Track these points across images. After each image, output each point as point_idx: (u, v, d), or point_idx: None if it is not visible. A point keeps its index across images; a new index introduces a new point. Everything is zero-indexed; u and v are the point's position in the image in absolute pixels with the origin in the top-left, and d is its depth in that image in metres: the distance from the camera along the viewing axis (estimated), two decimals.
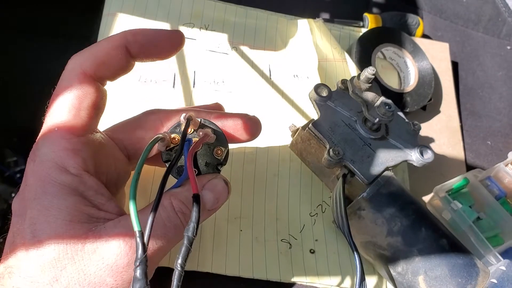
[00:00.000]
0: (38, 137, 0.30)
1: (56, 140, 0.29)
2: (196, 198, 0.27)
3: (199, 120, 0.32)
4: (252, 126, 0.36)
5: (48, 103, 0.30)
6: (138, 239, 0.24)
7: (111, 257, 0.26)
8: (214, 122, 0.33)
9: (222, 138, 0.33)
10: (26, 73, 0.92)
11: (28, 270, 0.26)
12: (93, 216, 0.28)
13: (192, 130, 0.31)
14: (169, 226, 0.29)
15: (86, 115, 0.30)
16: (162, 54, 0.34)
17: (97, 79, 0.31)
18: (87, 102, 0.30)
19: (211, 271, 0.40)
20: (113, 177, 0.32)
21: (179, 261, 0.25)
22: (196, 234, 0.26)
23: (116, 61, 0.31)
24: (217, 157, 0.33)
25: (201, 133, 0.31)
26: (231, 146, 0.34)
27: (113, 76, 0.32)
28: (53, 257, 0.26)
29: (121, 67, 0.32)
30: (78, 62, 0.31)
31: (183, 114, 0.31)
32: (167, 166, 0.32)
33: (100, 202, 0.29)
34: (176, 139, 0.31)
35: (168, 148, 0.31)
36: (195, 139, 0.31)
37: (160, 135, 0.30)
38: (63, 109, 0.30)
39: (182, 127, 0.31)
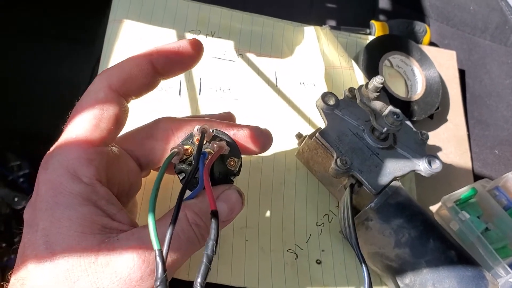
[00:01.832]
0: (54, 146, 0.30)
1: (71, 148, 0.28)
2: (215, 215, 0.27)
3: (212, 131, 0.32)
4: (263, 139, 0.36)
5: (70, 113, 0.30)
6: (158, 258, 0.24)
7: (125, 271, 0.26)
8: (226, 133, 0.33)
9: (235, 149, 0.33)
10: (29, 76, 0.92)
11: (41, 281, 0.25)
12: (106, 226, 0.27)
13: (205, 141, 0.31)
14: (183, 238, 0.29)
15: (105, 127, 0.30)
16: (186, 64, 0.34)
17: (123, 94, 0.31)
18: (109, 114, 0.30)
19: (216, 281, 0.40)
20: (125, 187, 0.32)
21: (199, 280, 0.24)
22: (215, 252, 0.26)
23: (142, 77, 0.32)
24: (230, 168, 0.33)
25: (215, 145, 0.31)
26: None
27: (138, 92, 0.33)
28: (66, 269, 0.25)
29: (146, 84, 0.32)
30: (105, 76, 0.31)
31: (197, 127, 0.30)
32: (181, 178, 0.32)
33: (112, 212, 0.28)
34: (189, 151, 0.31)
35: (181, 160, 0.31)
36: (208, 151, 0.31)
37: (176, 150, 0.30)
38: (83, 119, 0.30)
39: (195, 138, 0.30)
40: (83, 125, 0.29)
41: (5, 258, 0.81)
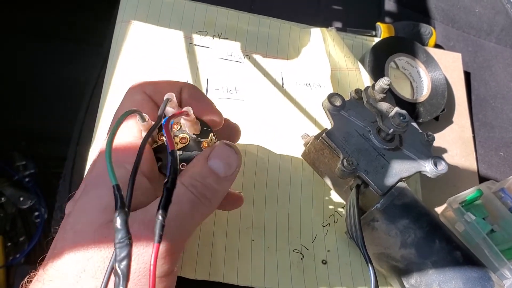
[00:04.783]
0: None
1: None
2: (172, 154, 0.27)
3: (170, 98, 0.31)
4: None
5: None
6: (116, 193, 0.23)
7: None
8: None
9: (204, 130, 0.33)
10: (36, 77, 0.93)
11: None
12: None
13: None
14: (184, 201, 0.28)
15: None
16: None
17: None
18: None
19: (223, 280, 0.40)
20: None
21: (160, 211, 0.24)
22: (175, 186, 0.25)
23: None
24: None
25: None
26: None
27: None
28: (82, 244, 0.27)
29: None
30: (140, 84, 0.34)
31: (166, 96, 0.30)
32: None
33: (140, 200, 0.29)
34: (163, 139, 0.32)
35: (156, 146, 0.32)
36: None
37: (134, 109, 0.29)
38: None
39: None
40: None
41: (10, 257, 0.82)
